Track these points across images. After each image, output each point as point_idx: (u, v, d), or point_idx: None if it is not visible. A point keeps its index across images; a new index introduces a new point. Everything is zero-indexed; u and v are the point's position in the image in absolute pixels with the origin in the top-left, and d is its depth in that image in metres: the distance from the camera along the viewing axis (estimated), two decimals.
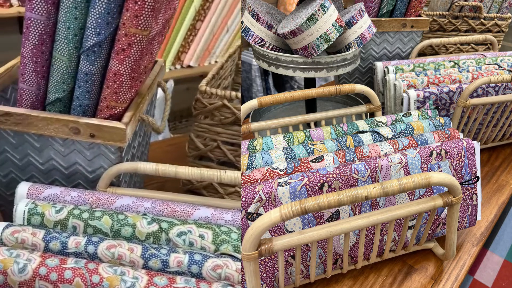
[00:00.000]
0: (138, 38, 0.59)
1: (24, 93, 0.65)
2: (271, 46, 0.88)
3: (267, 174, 0.62)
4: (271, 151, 0.67)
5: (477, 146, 0.72)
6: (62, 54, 0.62)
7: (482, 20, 1.26)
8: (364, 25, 0.87)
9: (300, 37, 0.80)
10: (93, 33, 0.60)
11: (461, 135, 0.74)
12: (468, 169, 0.71)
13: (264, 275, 0.61)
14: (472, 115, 0.91)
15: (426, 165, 0.67)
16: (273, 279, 0.62)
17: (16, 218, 0.58)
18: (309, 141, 0.72)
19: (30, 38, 0.61)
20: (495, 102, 0.90)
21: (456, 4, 1.25)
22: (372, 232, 0.66)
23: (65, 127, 0.62)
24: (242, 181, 0.61)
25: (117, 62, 0.60)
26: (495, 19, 1.27)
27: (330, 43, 0.80)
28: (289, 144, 0.71)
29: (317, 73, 0.85)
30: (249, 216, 0.59)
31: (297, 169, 0.63)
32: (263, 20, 0.87)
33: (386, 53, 1.12)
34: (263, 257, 0.56)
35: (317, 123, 0.93)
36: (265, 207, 0.59)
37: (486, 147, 1.04)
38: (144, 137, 0.81)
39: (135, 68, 0.62)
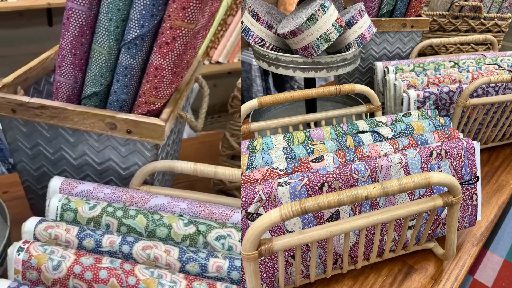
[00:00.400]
0: (183, 32, 0.56)
1: (60, 86, 0.63)
2: (271, 46, 0.88)
3: (267, 174, 0.62)
4: (271, 151, 0.67)
5: (477, 146, 0.72)
6: (102, 46, 0.60)
7: (482, 20, 1.26)
8: (364, 25, 0.87)
9: (300, 37, 0.80)
10: (136, 25, 0.57)
11: (461, 135, 0.74)
12: (468, 169, 0.71)
13: (264, 275, 0.61)
14: (472, 115, 0.91)
15: (426, 165, 0.67)
16: (273, 279, 0.62)
17: (49, 213, 0.56)
18: (309, 141, 0.72)
19: (70, 29, 0.59)
20: (495, 102, 0.90)
21: (456, 4, 1.25)
22: (372, 232, 0.66)
23: (102, 122, 0.60)
24: (242, 181, 0.61)
25: (159, 56, 0.58)
26: (495, 19, 1.27)
27: (330, 43, 0.80)
28: (289, 144, 0.71)
29: (317, 73, 0.85)
30: (249, 216, 0.59)
31: (297, 169, 0.63)
32: (263, 20, 0.87)
33: (386, 53, 1.12)
34: (263, 257, 0.56)
35: (317, 123, 0.93)
36: (265, 207, 0.59)
37: (486, 147, 1.04)
38: (178, 135, 0.80)
39: (178, 62, 0.59)
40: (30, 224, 0.53)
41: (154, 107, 0.62)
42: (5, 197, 0.87)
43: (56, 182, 0.60)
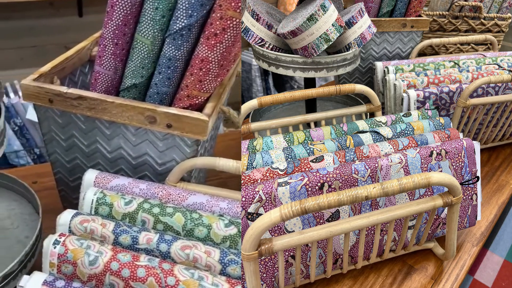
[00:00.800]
0: (234, 22, 0.53)
1: (99, 77, 0.61)
2: (271, 46, 0.88)
3: (267, 174, 0.62)
4: (271, 151, 0.67)
5: (477, 146, 0.72)
6: (146, 36, 0.57)
7: (482, 20, 1.26)
8: (364, 25, 0.87)
9: (300, 37, 0.80)
10: (184, 14, 0.54)
11: (461, 135, 0.74)
12: (468, 169, 0.71)
13: (264, 275, 0.61)
14: (472, 115, 0.91)
15: (426, 165, 0.67)
16: (273, 279, 0.62)
17: (83, 206, 0.55)
18: (309, 141, 0.72)
19: (113, 18, 0.57)
20: (495, 102, 0.90)
21: (456, 4, 1.25)
22: (372, 232, 0.66)
23: (141, 115, 0.58)
24: (242, 181, 0.61)
25: (206, 47, 0.55)
26: (495, 19, 1.27)
27: (330, 43, 0.80)
28: (289, 144, 0.71)
29: (317, 73, 0.85)
30: (249, 216, 0.59)
31: (297, 169, 0.63)
32: (263, 20, 0.87)
33: (386, 53, 1.12)
34: (263, 257, 0.56)
35: (317, 123, 0.93)
36: (265, 207, 0.59)
37: (486, 147, 1.04)
38: (215, 130, 0.78)
39: (226, 55, 0.56)
40: (65, 217, 0.52)
41: (197, 101, 0.59)
42: (34, 188, 0.86)
43: (90, 175, 0.59)
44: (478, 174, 0.73)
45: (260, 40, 0.87)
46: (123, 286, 0.46)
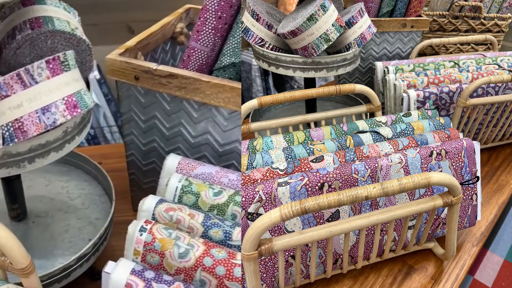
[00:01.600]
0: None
1: (194, 53, 0.57)
2: (271, 46, 0.88)
3: (267, 174, 0.62)
4: (271, 151, 0.67)
5: (477, 146, 0.72)
6: None
7: (482, 20, 1.26)
8: (364, 25, 0.87)
9: (300, 37, 0.80)
10: None
11: (461, 135, 0.74)
12: (468, 169, 0.71)
13: (264, 275, 0.61)
14: (472, 115, 0.91)
15: (426, 165, 0.67)
16: (273, 279, 0.62)
17: (166, 193, 0.51)
18: (309, 141, 0.72)
19: None
20: (495, 102, 0.90)
21: (456, 4, 1.25)
22: (372, 232, 0.66)
23: (238, 97, 0.53)
24: (242, 181, 0.61)
25: None
26: (495, 19, 1.26)
27: (330, 43, 0.80)
28: (289, 144, 0.71)
29: (317, 73, 0.85)
30: (249, 216, 0.59)
31: (297, 169, 0.63)
32: (263, 20, 0.87)
33: (386, 53, 1.12)
34: (263, 257, 0.56)
35: (317, 123, 0.93)
36: (265, 207, 0.59)
37: (486, 147, 1.04)
38: None
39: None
40: (149, 203, 0.48)
41: None
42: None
43: (173, 161, 0.54)
44: (478, 174, 0.73)
45: (260, 40, 0.87)
46: (216, 285, 0.43)
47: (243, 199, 0.58)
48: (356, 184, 0.62)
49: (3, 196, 0.66)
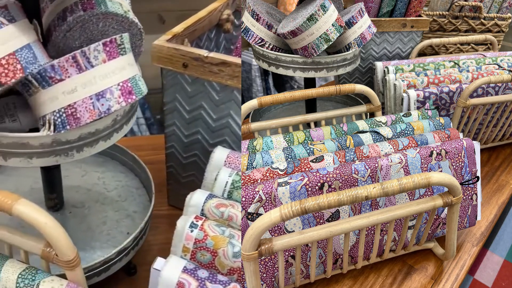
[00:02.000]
0: None
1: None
2: (271, 46, 0.88)
3: (267, 174, 0.62)
4: (271, 151, 0.67)
5: (477, 146, 0.72)
6: None
7: (482, 20, 1.26)
8: (364, 25, 0.87)
9: (300, 37, 0.80)
10: None
11: (461, 135, 0.74)
12: (468, 169, 0.71)
13: (264, 275, 0.61)
14: (472, 115, 0.91)
15: (426, 165, 0.67)
16: (273, 279, 0.62)
17: (214, 188, 0.49)
18: (309, 141, 0.72)
19: None
20: (495, 102, 0.90)
21: (456, 4, 1.25)
22: (372, 232, 0.66)
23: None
24: (242, 181, 0.61)
25: None
26: (495, 19, 1.26)
27: (330, 43, 0.80)
28: (289, 144, 0.71)
29: (317, 73, 0.85)
30: (249, 216, 0.59)
31: (297, 169, 0.63)
32: (263, 20, 0.87)
33: (386, 53, 1.12)
34: (263, 257, 0.56)
35: (317, 123, 0.93)
36: (265, 207, 0.59)
37: (486, 147, 1.04)
38: None
39: None
40: (198, 198, 0.46)
41: None
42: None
43: (221, 154, 0.52)
44: (478, 174, 0.73)
45: (260, 40, 0.87)
46: None
47: (243, 199, 0.58)
48: (356, 184, 0.62)
49: (41, 185, 0.63)
